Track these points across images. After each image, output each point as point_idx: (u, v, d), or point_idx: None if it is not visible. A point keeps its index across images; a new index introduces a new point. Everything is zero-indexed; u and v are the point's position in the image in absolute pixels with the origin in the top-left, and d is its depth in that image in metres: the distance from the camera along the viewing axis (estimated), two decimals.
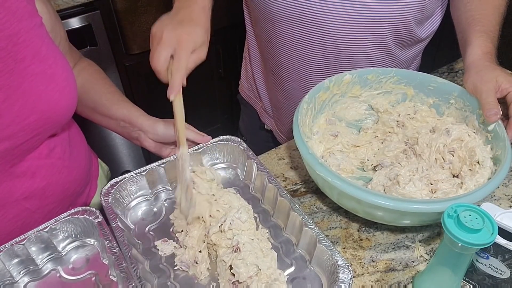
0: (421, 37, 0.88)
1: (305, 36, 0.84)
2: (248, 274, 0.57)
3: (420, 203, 0.59)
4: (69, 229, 0.64)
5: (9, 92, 0.58)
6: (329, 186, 0.65)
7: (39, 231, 0.61)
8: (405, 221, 0.65)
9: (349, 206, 0.67)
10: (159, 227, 0.69)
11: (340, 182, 0.61)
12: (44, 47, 0.61)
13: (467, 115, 0.76)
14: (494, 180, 0.61)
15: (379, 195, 0.59)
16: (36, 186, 0.67)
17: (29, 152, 0.64)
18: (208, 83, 1.99)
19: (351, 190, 0.60)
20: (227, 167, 0.78)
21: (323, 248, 0.59)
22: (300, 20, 0.82)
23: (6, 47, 0.56)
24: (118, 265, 0.58)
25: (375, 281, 0.63)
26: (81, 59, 0.82)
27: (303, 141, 0.67)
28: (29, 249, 0.61)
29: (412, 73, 0.82)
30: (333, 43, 0.83)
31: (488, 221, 0.50)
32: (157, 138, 0.76)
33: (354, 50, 0.84)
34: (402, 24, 0.80)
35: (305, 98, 0.75)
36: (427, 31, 0.88)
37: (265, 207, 0.71)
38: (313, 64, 0.89)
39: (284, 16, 0.83)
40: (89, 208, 0.64)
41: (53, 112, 0.63)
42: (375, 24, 0.80)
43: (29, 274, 0.62)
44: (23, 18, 0.58)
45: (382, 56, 0.87)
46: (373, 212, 0.64)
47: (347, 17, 0.79)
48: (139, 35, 1.61)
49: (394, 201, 0.58)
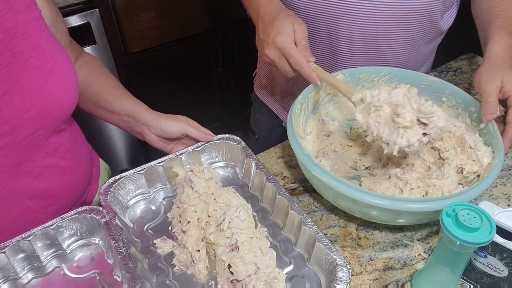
0: (442, 29, 0.89)
1: (332, 32, 0.84)
2: (247, 272, 0.57)
3: (416, 202, 0.59)
4: (75, 227, 0.64)
5: (9, 86, 0.58)
6: (325, 187, 0.64)
7: (46, 228, 0.61)
8: (401, 220, 0.65)
9: (345, 207, 0.67)
10: (157, 226, 0.69)
11: (335, 182, 0.61)
12: (43, 40, 0.61)
13: (459, 113, 0.76)
14: (488, 177, 0.61)
15: (374, 195, 0.59)
16: (40, 186, 0.67)
17: (34, 150, 0.64)
18: (207, 82, 1.99)
19: (347, 190, 0.60)
20: (226, 165, 0.78)
21: (322, 246, 0.59)
22: (327, 15, 0.81)
23: (4, 40, 0.56)
24: (124, 265, 0.57)
25: (374, 279, 0.64)
26: (82, 53, 0.82)
27: (298, 142, 0.67)
28: (35, 245, 0.61)
29: (403, 72, 0.82)
30: (361, 38, 0.83)
31: (486, 220, 0.50)
32: (160, 133, 0.76)
33: (381, 43, 0.84)
34: (428, 15, 0.81)
35: (298, 99, 0.75)
36: (447, 22, 0.89)
37: (264, 205, 0.71)
38: (339, 59, 0.89)
39: (311, 12, 0.82)
40: (96, 207, 0.64)
41: (53, 106, 0.62)
42: (402, 16, 0.80)
43: (33, 271, 0.62)
44: (21, 11, 0.58)
45: (407, 49, 0.87)
46: (369, 212, 0.64)
47: (376, 10, 0.79)
48: (138, 34, 1.61)
49: (390, 201, 0.58)
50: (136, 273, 0.56)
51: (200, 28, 1.79)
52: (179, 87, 1.91)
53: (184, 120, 0.77)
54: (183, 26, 1.74)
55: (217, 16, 1.82)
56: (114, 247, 0.60)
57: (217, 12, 1.81)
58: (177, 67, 1.83)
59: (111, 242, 0.60)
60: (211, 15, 1.79)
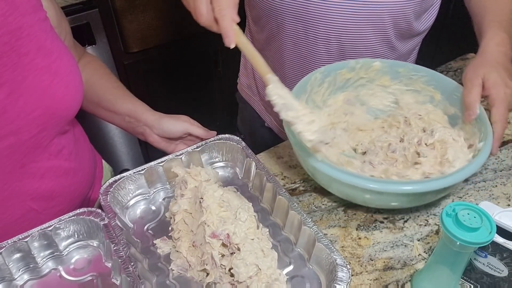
0: (419, 30, 0.89)
1: (309, 33, 0.85)
2: (248, 274, 0.56)
3: (400, 184, 0.63)
4: (72, 229, 0.64)
5: (14, 87, 0.58)
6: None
7: (43, 229, 0.61)
8: (394, 203, 0.68)
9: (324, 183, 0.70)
10: (157, 226, 0.69)
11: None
12: (48, 41, 0.61)
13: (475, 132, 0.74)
14: (479, 157, 0.64)
15: (359, 177, 0.62)
16: (43, 187, 0.67)
17: (38, 151, 0.64)
18: (207, 82, 1.99)
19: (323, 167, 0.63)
20: (226, 165, 0.78)
21: (322, 246, 0.59)
22: (305, 16, 0.82)
23: (10, 41, 0.56)
24: (124, 269, 0.57)
25: (374, 279, 0.64)
26: (85, 54, 0.82)
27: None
28: (31, 245, 0.60)
29: (441, 77, 0.81)
30: (337, 38, 0.84)
31: (487, 220, 0.50)
32: (162, 133, 0.76)
33: (358, 44, 0.85)
34: (403, 16, 0.81)
35: (321, 69, 0.78)
36: (424, 24, 0.89)
37: (264, 205, 0.71)
38: (317, 60, 0.89)
39: (288, 13, 0.83)
40: (95, 210, 0.64)
41: (58, 107, 0.62)
42: (377, 18, 0.81)
43: (29, 272, 0.61)
44: (27, 12, 0.58)
45: (383, 49, 0.88)
46: (352, 193, 0.67)
47: (351, 12, 0.80)
48: (138, 34, 1.61)
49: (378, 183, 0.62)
50: (136, 277, 0.56)
51: (200, 28, 1.77)
52: (179, 87, 1.91)
53: (186, 120, 0.77)
54: (183, 26, 1.73)
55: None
56: (114, 251, 0.59)
57: None
58: (177, 67, 1.82)
59: (111, 245, 0.60)
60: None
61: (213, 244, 0.59)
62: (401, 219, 0.72)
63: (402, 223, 0.72)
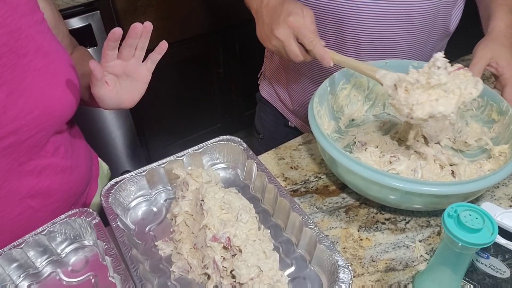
0: (449, 31, 0.90)
1: (338, 31, 0.84)
2: (249, 275, 0.56)
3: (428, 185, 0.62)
4: (67, 231, 0.64)
5: (13, 87, 0.58)
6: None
7: (37, 234, 0.61)
8: (416, 205, 0.67)
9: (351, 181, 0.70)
10: (159, 227, 0.69)
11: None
12: (46, 42, 0.62)
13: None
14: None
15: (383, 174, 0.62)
16: (41, 185, 0.67)
17: (36, 149, 0.65)
18: (208, 83, 1.99)
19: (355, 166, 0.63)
20: (227, 167, 0.78)
21: (323, 248, 0.59)
22: (334, 15, 0.81)
23: (8, 42, 0.57)
24: (115, 267, 0.57)
25: (375, 281, 0.63)
26: (77, 47, 0.83)
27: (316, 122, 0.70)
28: (28, 253, 0.61)
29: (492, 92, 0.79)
30: (367, 38, 0.83)
31: (488, 221, 0.50)
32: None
33: (387, 43, 0.85)
34: (432, 17, 0.82)
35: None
36: (453, 24, 0.90)
37: (265, 207, 0.71)
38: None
39: (317, 11, 0.82)
40: (86, 209, 0.64)
41: (56, 107, 0.63)
42: (407, 19, 0.81)
43: (29, 278, 0.62)
44: (25, 14, 0.59)
45: (412, 50, 0.88)
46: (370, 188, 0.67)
47: (381, 13, 0.79)
48: None
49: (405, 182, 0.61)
50: (128, 274, 0.56)
51: (201, 30, 1.79)
52: (180, 88, 1.91)
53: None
54: (184, 27, 1.74)
55: (218, 17, 1.82)
56: (106, 249, 0.59)
57: (218, 13, 1.81)
58: (178, 69, 1.83)
59: (103, 244, 0.60)
60: (212, 16, 1.79)
61: (214, 247, 0.59)
62: (402, 220, 0.72)
63: (404, 224, 0.72)
